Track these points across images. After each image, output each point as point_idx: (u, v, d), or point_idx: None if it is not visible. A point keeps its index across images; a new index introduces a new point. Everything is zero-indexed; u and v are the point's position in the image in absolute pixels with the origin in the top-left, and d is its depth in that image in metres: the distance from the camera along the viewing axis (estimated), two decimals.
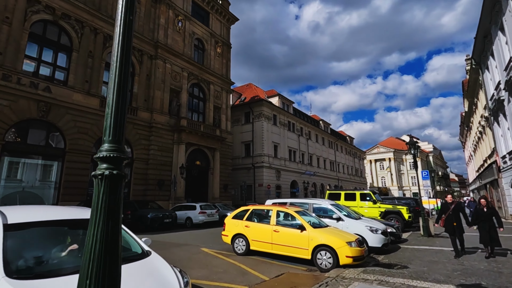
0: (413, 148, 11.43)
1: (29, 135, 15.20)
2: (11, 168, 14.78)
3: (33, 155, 15.39)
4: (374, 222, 8.52)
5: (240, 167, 34.17)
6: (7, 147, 14.15)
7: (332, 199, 15.08)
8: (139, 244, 3.29)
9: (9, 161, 14.50)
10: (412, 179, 77.53)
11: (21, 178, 15.19)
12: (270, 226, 6.84)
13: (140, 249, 3.24)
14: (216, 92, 27.42)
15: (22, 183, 15.03)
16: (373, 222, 8.47)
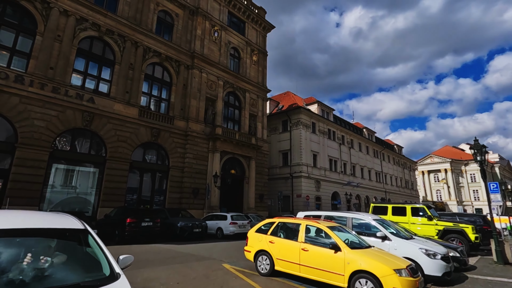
0: (480, 154, 9.37)
1: (74, 143, 16.13)
2: (58, 174, 15.74)
3: (78, 162, 16.24)
4: (431, 243, 6.91)
5: (277, 177, 33.18)
6: (55, 154, 15.09)
7: (377, 213, 13.30)
8: (109, 263, 2.58)
9: (56, 168, 15.46)
10: (475, 193, 68.63)
11: (70, 184, 16.09)
12: (298, 243, 5.77)
13: (109, 270, 2.53)
14: (251, 100, 27.08)
15: (68, 188, 15.90)
16: (430, 243, 6.87)
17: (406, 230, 9.57)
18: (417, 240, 6.89)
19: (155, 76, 20.68)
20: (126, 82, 18.52)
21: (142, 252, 9.21)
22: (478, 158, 9.48)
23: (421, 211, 12.00)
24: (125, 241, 11.21)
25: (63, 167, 15.90)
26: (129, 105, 18.28)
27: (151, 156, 19.48)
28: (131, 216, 11.24)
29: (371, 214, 7.78)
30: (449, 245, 7.93)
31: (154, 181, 19.32)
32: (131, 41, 19.04)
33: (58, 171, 15.62)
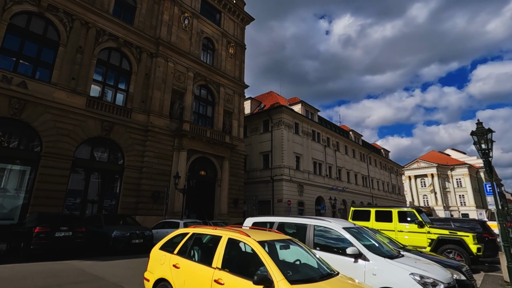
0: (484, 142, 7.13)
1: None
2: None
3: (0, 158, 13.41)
4: (425, 262, 4.66)
5: (258, 181, 30.83)
6: None
7: (358, 219, 11.09)
8: None
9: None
10: (461, 198, 68.03)
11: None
12: (211, 270, 3.47)
13: None
14: (227, 95, 24.76)
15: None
16: (424, 262, 4.63)
17: (392, 241, 7.33)
18: (406, 259, 4.62)
19: (111, 63, 18.10)
20: (73, 67, 15.89)
21: (31, 276, 6.62)
22: (483, 146, 7.37)
23: (409, 216, 9.84)
24: (34, 257, 8.55)
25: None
26: (74, 94, 15.63)
27: (102, 154, 16.77)
28: (42, 224, 8.59)
29: (342, 221, 5.51)
30: (451, 263, 5.73)
31: (105, 183, 16.59)
32: (81, 21, 16.48)
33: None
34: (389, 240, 7.35)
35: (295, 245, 4.10)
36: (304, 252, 4.01)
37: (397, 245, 6.90)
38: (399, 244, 7.09)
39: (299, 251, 4.04)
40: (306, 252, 4.02)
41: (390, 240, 7.39)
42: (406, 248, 6.94)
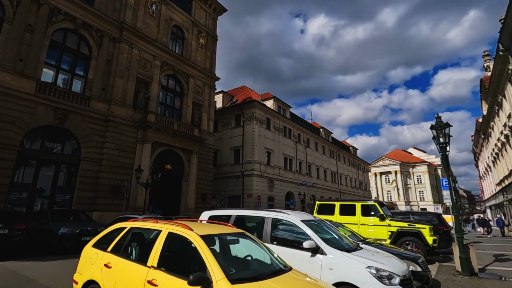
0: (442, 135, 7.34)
1: None
2: None
3: None
4: (383, 255, 4.55)
5: (228, 176, 30.34)
6: None
7: (324, 213, 11.08)
8: None
9: None
10: (420, 194, 72.61)
11: None
12: (145, 269, 3.03)
13: None
14: (197, 87, 23.89)
15: None
16: (382, 255, 4.51)
17: (354, 234, 7.28)
18: (364, 252, 4.47)
19: (67, 46, 16.57)
20: (20, 47, 14.28)
21: None
22: (441, 140, 7.56)
23: (372, 209, 9.97)
24: None
25: None
26: (22, 77, 14.06)
27: (55, 144, 15.35)
28: None
29: (302, 213, 5.27)
30: (408, 255, 5.74)
31: (58, 176, 15.20)
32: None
33: None
34: (351, 233, 7.30)
35: (248, 240, 3.75)
36: (256, 247, 3.67)
37: (358, 238, 6.84)
38: (360, 237, 7.06)
39: (251, 245, 3.70)
40: (259, 246, 3.68)
41: (352, 233, 7.34)
42: (367, 241, 6.92)
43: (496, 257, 10.32)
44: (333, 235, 4.94)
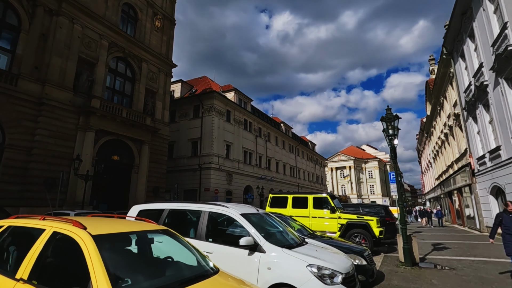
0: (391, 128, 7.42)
1: None
2: None
3: None
4: (328, 251, 4.21)
5: (185, 169, 29.08)
6: None
7: (277, 205, 10.80)
8: None
9: None
10: (371, 188, 77.73)
11: None
12: (10, 283, 2.07)
13: None
14: (151, 73, 22.21)
15: None
16: (326, 251, 4.17)
17: (304, 228, 7.00)
18: (308, 248, 4.10)
19: None
20: None
21: None
22: (390, 132, 7.62)
23: (324, 202, 9.91)
24: None
25: None
26: None
27: None
28: None
29: (243, 206, 4.75)
30: (354, 248, 5.57)
31: None
32: None
33: None
34: (301, 227, 7.03)
35: (171, 238, 3.10)
36: (181, 247, 3.05)
37: (306, 231, 6.57)
38: (309, 231, 6.81)
39: (175, 245, 3.06)
40: (184, 246, 3.06)
41: (302, 227, 7.07)
42: (315, 234, 6.69)
43: (434, 246, 10.98)
44: (277, 229, 4.52)
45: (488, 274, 6.23)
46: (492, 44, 11.92)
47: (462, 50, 16.40)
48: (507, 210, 5.85)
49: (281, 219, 6.71)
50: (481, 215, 16.11)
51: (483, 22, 12.79)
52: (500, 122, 12.45)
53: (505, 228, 5.66)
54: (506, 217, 5.75)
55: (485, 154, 14.51)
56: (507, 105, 11.52)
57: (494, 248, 10.46)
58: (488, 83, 12.97)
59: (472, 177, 16.77)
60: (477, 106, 14.86)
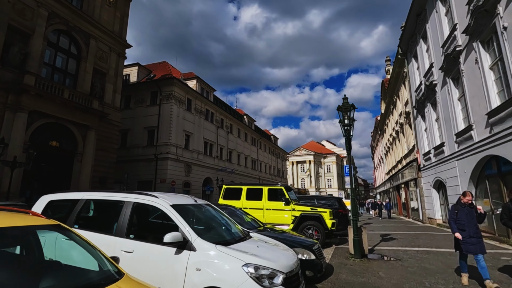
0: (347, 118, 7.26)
1: None
2: None
3: None
4: (271, 246, 3.74)
5: (140, 159, 27.23)
6: None
7: (231, 197, 10.28)
8: None
9: None
10: (328, 181, 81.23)
11: None
12: None
13: None
14: (100, 51, 20.08)
15: None
16: (270, 247, 3.68)
17: (255, 221, 6.55)
18: (249, 243, 3.57)
19: None
20: None
21: None
22: (346, 121, 7.48)
23: (278, 193, 9.61)
24: None
25: None
26: None
27: None
28: None
29: (177, 196, 4.10)
30: (303, 242, 5.25)
31: None
32: None
33: None
34: (252, 219, 6.57)
35: (63, 236, 2.37)
36: (78, 247, 2.34)
37: (257, 224, 6.13)
38: (260, 224, 6.38)
39: (69, 245, 2.34)
40: (81, 246, 2.35)
41: (252, 219, 6.62)
42: (266, 227, 6.28)
43: (382, 237, 11.37)
44: (217, 223, 3.96)
45: (431, 264, 6.38)
46: (442, 45, 12.53)
47: (415, 51, 17.22)
48: (461, 202, 5.21)
49: (229, 211, 6.19)
50: (424, 207, 17.28)
51: (435, 24, 13.42)
52: (445, 120, 13.23)
53: (459, 223, 5.03)
54: (461, 210, 5.10)
55: (430, 150, 15.46)
56: (453, 103, 12.22)
57: (435, 238, 11.14)
58: (436, 82, 13.69)
59: (418, 171, 17.89)
60: (426, 105, 15.73)
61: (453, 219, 5.14)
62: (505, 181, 9.48)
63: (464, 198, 5.21)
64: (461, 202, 5.23)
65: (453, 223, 5.12)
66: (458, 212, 5.14)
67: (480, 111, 9.88)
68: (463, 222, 4.99)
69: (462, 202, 5.20)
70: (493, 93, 9.20)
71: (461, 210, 5.11)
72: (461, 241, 4.89)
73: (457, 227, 5.03)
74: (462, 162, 11.89)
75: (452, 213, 5.23)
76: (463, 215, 5.04)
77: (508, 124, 8.29)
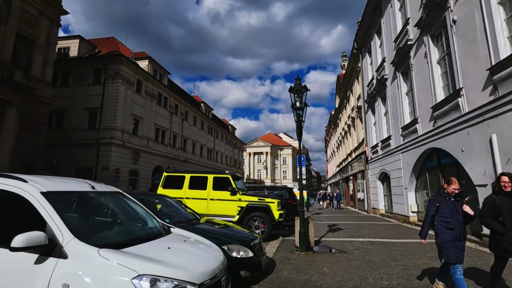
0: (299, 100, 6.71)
1: None
2: None
3: None
4: (190, 247, 2.86)
5: (79, 143, 24.29)
6: None
7: (172, 186, 9.23)
8: None
9: None
10: (284, 173, 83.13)
11: None
12: None
13: None
14: (26, 14, 17.01)
15: None
16: (187, 247, 2.82)
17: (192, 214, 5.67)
18: (159, 243, 2.68)
19: None
20: None
21: None
22: (297, 105, 6.91)
23: (225, 182, 8.82)
24: None
25: None
26: None
27: None
28: None
29: (64, 180, 3.04)
30: (242, 237, 4.55)
31: None
32: None
33: None
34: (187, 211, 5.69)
35: None
36: None
37: (190, 217, 5.27)
38: (196, 216, 5.53)
39: None
40: None
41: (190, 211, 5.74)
42: (204, 219, 5.48)
43: (330, 228, 11.34)
44: (125, 217, 3.02)
45: (376, 256, 6.19)
46: (395, 39, 12.74)
47: (369, 46, 17.57)
48: (444, 192, 3.93)
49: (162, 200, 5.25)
50: (370, 198, 18.02)
51: (389, 18, 13.63)
52: (393, 114, 13.63)
53: (442, 220, 3.77)
54: (444, 203, 3.82)
55: (378, 143, 16.00)
56: (401, 97, 12.56)
57: (379, 228, 11.43)
58: (387, 77, 14.01)
59: (366, 164, 18.55)
60: (376, 99, 16.16)
61: (430, 216, 3.90)
62: (444, 173, 9.93)
63: (448, 187, 3.88)
64: (444, 192, 3.92)
65: (427, 222, 3.93)
66: (440, 205, 3.84)
67: (426, 105, 10.17)
68: (448, 219, 3.72)
69: (445, 193, 3.90)
70: (439, 87, 9.48)
71: (444, 203, 3.82)
72: (448, 245, 3.64)
73: (442, 226, 3.74)
74: (406, 155, 12.34)
75: (431, 207, 3.91)
76: (446, 210, 3.77)
77: (451, 117, 8.56)
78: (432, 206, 3.91)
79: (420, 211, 12.08)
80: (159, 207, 4.94)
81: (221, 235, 4.28)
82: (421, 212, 12.01)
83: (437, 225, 3.82)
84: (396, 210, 13.78)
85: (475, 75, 7.40)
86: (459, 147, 8.23)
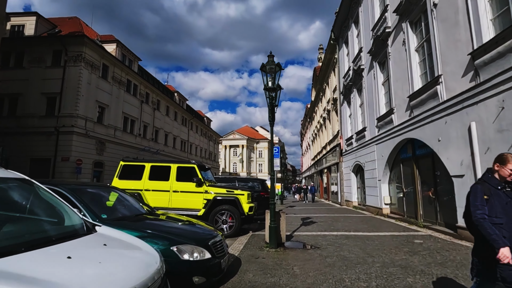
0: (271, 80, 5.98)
1: None
2: None
3: None
4: (113, 252, 2.06)
5: (36, 131, 22.05)
6: None
7: (131, 177, 8.21)
8: None
9: None
10: (260, 166, 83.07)
11: None
12: None
13: None
14: None
15: None
16: (108, 253, 2.01)
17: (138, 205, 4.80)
18: (67, 247, 1.86)
19: None
20: None
21: None
22: (269, 85, 6.19)
23: (190, 173, 7.97)
24: None
25: None
26: None
27: None
28: None
29: None
30: (199, 234, 3.80)
31: None
32: None
33: None
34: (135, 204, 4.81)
35: None
36: None
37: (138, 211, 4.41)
38: (145, 209, 4.68)
39: None
40: None
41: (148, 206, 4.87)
42: (156, 212, 4.66)
43: (303, 221, 10.91)
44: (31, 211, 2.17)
45: (351, 252, 5.72)
46: (373, 28, 12.40)
47: (346, 37, 17.25)
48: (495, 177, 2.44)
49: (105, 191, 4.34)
50: (343, 191, 17.93)
51: (368, 6, 13.27)
52: (369, 105, 13.39)
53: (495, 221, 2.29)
54: (495, 195, 2.36)
55: (353, 135, 15.81)
56: (377, 88, 12.30)
57: (352, 221, 11.17)
58: (364, 67, 13.72)
59: (340, 156, 18.40)
60: (352, 91, 15.91)
61: (482, 213, 2.30)
62: (418, 164, 9.77)
63: (502, 167, 2.39)
64: (493, 178, 2.45)
65: (489, 222, 2.28)
66: (489, 197, 2.36)
67: (403, 95, 9.92)
68: (498, 219, 2.29)
69: (496, 179, 2.43)
70: (417, 75, 9.22)
71: (495, 194, 2.37)
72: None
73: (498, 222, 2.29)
74: (381, 146, 12.16)
75: (478, 201, 2.36)
76: (498, 205, 2.33)
77: (428, 106, 8.31)
78: (479, 200, 2.36)
79: (392, 203, 11.99)
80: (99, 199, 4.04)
81: (172, 233, 3.50)
82: (394, 204, 11.93)
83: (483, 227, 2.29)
84: (369, 202, 13.69)
85: (455, 61, 7.12)
86: (435, 137, 8.01)
